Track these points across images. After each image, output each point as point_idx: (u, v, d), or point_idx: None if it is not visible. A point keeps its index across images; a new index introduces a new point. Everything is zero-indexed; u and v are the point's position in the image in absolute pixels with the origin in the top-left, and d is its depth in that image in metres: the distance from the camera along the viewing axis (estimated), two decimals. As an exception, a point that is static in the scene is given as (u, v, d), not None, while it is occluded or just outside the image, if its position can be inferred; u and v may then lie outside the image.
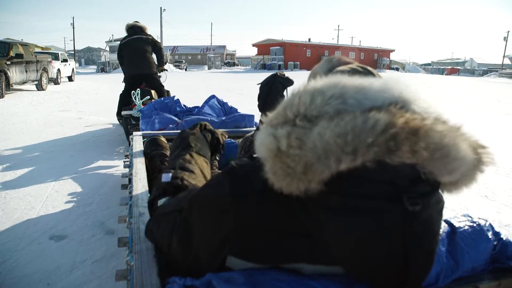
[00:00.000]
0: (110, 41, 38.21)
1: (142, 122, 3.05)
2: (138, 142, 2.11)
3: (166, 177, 1.16)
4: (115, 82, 16.53)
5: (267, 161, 0.63)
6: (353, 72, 0.84)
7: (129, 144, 2.29)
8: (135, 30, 4.82)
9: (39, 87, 11.65)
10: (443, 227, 0.86)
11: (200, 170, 1.40)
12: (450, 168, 0.60)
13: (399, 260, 0.63)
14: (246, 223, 0.67)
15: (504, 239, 0.90)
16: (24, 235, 2.25)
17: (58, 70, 14.36)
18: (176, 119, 3.17)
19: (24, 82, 10.75)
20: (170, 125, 2.99)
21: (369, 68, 0.90)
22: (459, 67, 54.89)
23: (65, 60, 15.94)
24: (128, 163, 2.40)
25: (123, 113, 3.95)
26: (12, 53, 9.95)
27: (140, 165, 1.63)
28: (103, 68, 29.62)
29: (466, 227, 0.89)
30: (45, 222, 2.43)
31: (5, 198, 2.82)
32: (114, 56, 30.14)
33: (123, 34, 5.01)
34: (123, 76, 4.95)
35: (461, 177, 0.65)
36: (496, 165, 0.64)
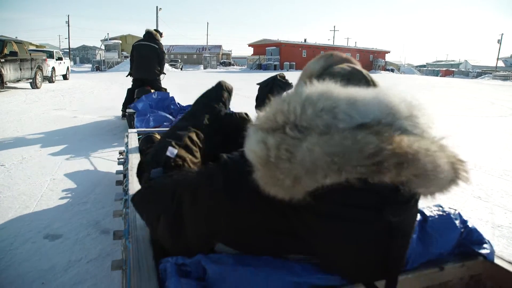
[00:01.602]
0: (106, 39, 37.98)
1: (137, 120, 3.10)
2: (133, 139, 2.16)
3: (171, 152, 1.14)
4: (111, 81, 16.47)
5: (257, 168, 0.65)
6: (350, 74, 0.83)
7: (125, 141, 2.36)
8: (147, 36, 5.71)
9: (34, 85, 11.56)
10: (417, 217, 0.92)
11: (200, 156, 1.32)
12: (428, 184, 0.65)
13: (381, 261, 0.70)
14: (238, 219, 0.72)
15: (470, 226, 0.98)
16: (18, 234, 2.23)
17: (53, 68, 14.26)
18: (170, 117, 3.22)
19: (18, 80, 10.66)
20: (165, 123, 3.03)
21: (363, 71, 0.89)
22: (453, 69, 55.26)
23: (60, 58, 15.82)
24: (122, 160, 2.45)
25: (128, 110, 4.11)
26: (6, 51, 9.87)
27: (135, 160, 1.67)
28: (98, 67, 29.44)
29: (436, 216, 0.97)
30: (40, 221, 2.41)
31: (-1, 197, 2.80)
32: (109, 55, 30.27)
33: (119, 33, 5.71)
34: (129, 70, 5.84)
35: (439, 190, 0.69)
36: (469, 182, 0.70)
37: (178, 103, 3.89)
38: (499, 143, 5.61)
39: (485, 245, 0.97)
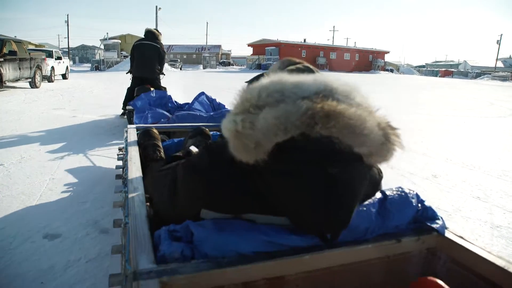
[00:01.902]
0: (105, 39, 37.96)
1: (136, 117, 3.22)
2: (132, 133, 2.28)
3: (194, 148, 1.45)
4: (110, 80, 16.46)
5: (230, 140, 0.84)
6: (297, 70, 1.13)
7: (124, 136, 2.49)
8: (148, 35, 5.84)
9: (33, 85, 11.54)
10: (378, 195, 1.06)
11: None
12: (359, 141, 0.79)
13: (323, 211, 0.82)
14: (217, 183, 0.90)
15: (426, 205, 1.10)
16: (17, 233, 2.23)
17: (52, 67, 14.24)
18: (168, 114, 3.31)
19: (17, 80, 10.64)
20: (162, 120, 3.11)
21: (311, 66, 1.21)
22: (453, 69, 55.33)
23: (59, 58, 15.80)
24: (121, 155, 2.56)
25: (128, 108, 4.24)
26: (5, 50, 9.85)
27: (134, 152, 1.82)
28: (98, 67, 29.42)
29: (396, 195, 1.08)
30: (39, 220, 2.41)
31: (-2, 196, 2.80)
32: (109, 55, 30.25)
33: (118, 32, 5.64)
34: (129, 68, 5.98)
35: (374, 151, 0.82)
36: (403, 147, 0.88)
37: (176, 101, 4.01)
38: (498, 143, 5.62)
39: (438, 221, 1.08)
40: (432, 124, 7.15)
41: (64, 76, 16.41)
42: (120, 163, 2.51)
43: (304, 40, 47.63)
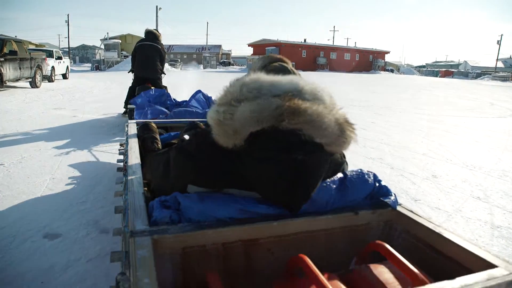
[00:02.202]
0: (105, 39, 37.96)
1: (136, 113, 3.36)
2: (132, 127, 2.45)
3: (187, 136, 1.55)
4: (110, 80, 16.46)
5: (214, 127, 1.00)
6: (275, 70, 1.30)
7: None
8: (150, 36, 6.02)
9: (33, 85, 11.55)
10: (339, 175, 1.23)
11: None
12: (319, 134, 0.96)
13: (288, 187, 1.00)
14: (202, 162, 1.07)
15: (382, 184, 1.25)
16: (17, 233, 2.23)
17: (53, 67, 14.25)
18: (166, 110, 3.48)
19: (17, 79, 10.65)
20: (161, 116, 3.28)
21: (287, 66, 1.40)
22: (453, 70, 55.28)
23: (59, 58, 15.81)
24: (122, 151, 2.75)
25: (129, 106, 4.33)
26: (5, 50, 9.86)
27: (134, 144, 1.97)
28: (98, 66, 29.43)
29: (354, 175, 1.24)
30: (39, 220, 2.41)
31: (-1, 196, 2.80)
32: (109, 54, 30.26)
33: (118, 32, 5.74)
34: (131, 67, 6.19)
35: (332, 141, 0.99)
36: (356, 141, 1.05)
37: (174, 99, 4.19)
38: (499, 143, 5.62)
39: (391, 197, 1.22)
40: (432, 124, 7.15)
41: (64, 76, 16.42)
42: (122, 157, 2.65)
43: (305, 40, 47.59)
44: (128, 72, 6.39)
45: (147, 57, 5.88)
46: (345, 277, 0.91)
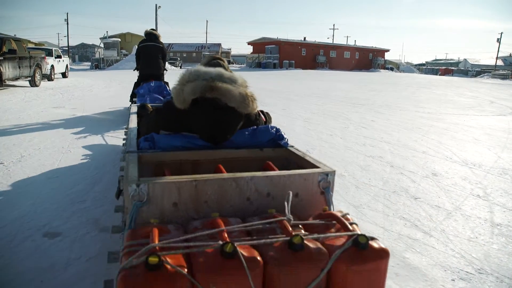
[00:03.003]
0: (105, 37, 37.89)
1: (137, 100, 4.24)
2: (134, 108, 3.25)
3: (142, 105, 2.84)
4: (110, 79, 16.45)
5: (174, 97, 1.72)
6: (214, 64, 1.98)
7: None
8: (151, 37, 6.54)
9: (33, 83, 11.53)
10: (253, 127, 1.93)
11: None
12: (229, 100, 1.66)
13: (213, 132, 1.75)
14: (169, 117, 1.81)
15: (281, 133, 1.94)
16: (18, 232, 2.23)
17: (52, 66, 14.22)
18: (162, 98, 4.30)
19: (17, 78, 10.63)
20: (156, 101, 3.99)
21: (221, 61, 2.05)
22: (453, 68, 55.20)
23: (59, 56, 15.76)
24: (126, 132, 3.55)
25: (135, 99, 5.14)
26: (5, 49, 9.83)
27: (133, 117, 2.79)
28: (97, 65, 29.38)
29: (263, 128, 1.95)
30: (39, 219, 2.41)
31: (-2, 195, 2.80)
32: (108, 53, 30.23)
33: (118, 31, 6.03)
34: (135, 66, 6.86)
35: (238, 105, 1.69)
36: (255, 107, 1.78)
37: (169, 89, 4.83)
38: (499, 141, 5.62)
39: (284, 141, 1.92)
40: (432, 122, 7.14)
41: (64, 75, 16.38)
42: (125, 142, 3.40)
43: (304, 38, 47.42)
44: (134, 70, 6.94)
45: (151, 56, 6.41)
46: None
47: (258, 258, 1.02)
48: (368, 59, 50.15)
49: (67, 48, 46.39)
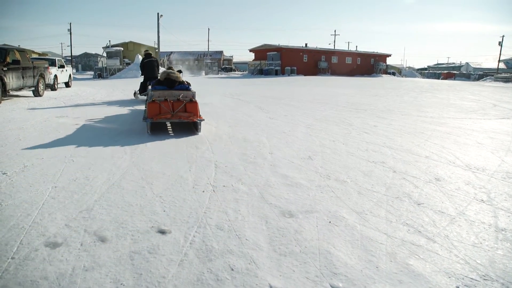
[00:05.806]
0: (107, 47, 38.21)
1: (150, 86, 7.73)
2: (149, 93, 6.88)
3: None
4: (112, 88, 16.55)
5: (160, 76, 7.20)
6: (170, 68, 7.74)
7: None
8: (150, 55, 11.15)
9: (36, 93, 11.63)
10: (181, 85, 7.02)
11: None
12: (175, 77, 6.87)
13: (168, 84, 6.83)
14: (157, 82, 6.98)
15: (189, 86, 7.18)
16: (20, 242, 2.23)
17: (55, 76, 14.35)
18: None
19: (20, 88, 10.72)
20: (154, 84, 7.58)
21: (176, 69, 7.45)
22: (455, 72, 55.15)
23: (62, 66, 15.92)
24: (143, 97, 10.45)
25: (141, 96, 9.87)
26: (8, 59, 9.93)
27: (149, 91, 7.00)
28: (100, 74, 29.59)
29: (185, 86, 6.95)
30: (41, 229, 2.42)
31: (1, 205, 2.80)
32: (111, 62, 30.48)
33: (120, 40, 8.81)
34: (140, 74, 11.41)
35: (175, 80, 6.90)
36: (179, 79, 4.62)
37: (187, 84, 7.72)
38: (502, 145, 5.58)
39: (190, 87, 6.83)
40: (435, 127, 7.12)
41: (67, 84, 16.53)
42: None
43: (306, 44, 47.53)
44: (140, 75, 11.32)
45: (152, 67, 10.90)
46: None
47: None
48: (370, 64, 50.21)
49: (70, 58, 46.78)
